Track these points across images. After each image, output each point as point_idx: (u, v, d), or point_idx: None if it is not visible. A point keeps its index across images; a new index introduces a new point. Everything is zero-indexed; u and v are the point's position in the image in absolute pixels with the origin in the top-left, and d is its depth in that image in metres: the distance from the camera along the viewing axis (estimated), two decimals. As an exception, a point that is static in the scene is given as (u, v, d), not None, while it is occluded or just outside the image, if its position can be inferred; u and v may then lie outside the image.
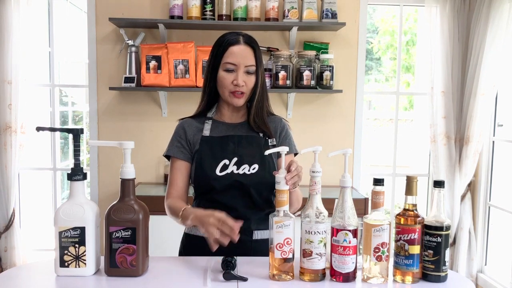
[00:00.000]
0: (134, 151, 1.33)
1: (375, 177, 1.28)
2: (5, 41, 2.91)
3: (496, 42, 2.92)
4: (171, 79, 3.00)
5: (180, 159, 1.63)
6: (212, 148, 1.60)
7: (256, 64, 1.58)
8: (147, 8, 3.15)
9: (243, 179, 1.56)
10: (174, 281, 1.28)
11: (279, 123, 1.69)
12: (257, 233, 1.59)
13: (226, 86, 1.57)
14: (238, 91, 1.57)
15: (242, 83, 1.56)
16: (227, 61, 1.56)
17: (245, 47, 1.58)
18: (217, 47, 1.60)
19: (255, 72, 1.59)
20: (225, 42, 1.58)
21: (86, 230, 1.26)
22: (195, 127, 1.65)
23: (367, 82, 6.04)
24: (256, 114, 1.63)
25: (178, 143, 1.64)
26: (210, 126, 1.65)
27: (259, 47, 1.62)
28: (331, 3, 3.03)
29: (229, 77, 1.57)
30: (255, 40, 1.62)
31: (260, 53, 1.61)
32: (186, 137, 1.64)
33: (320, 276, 1.27)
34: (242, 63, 1.56)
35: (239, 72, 1.56)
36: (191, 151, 1.63)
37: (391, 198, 3.45)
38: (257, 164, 1.57)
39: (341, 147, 1.38)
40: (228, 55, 1.56)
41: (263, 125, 1.62)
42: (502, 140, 3.19)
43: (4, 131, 2.96)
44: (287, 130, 1.69)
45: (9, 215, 3.00)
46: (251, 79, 1.58)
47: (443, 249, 1.27)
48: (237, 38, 1.58)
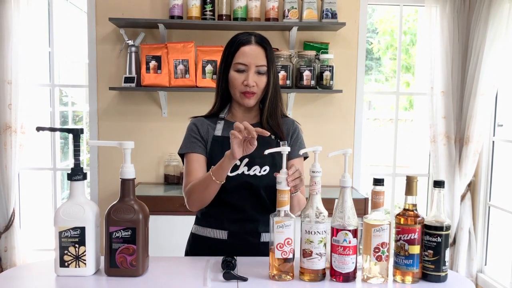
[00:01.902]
0: (134, 151, 1.33)
1: (375, 177, 1.28)
2: (5, 41, 2.91)
3: (496, 42, 2.92)
4: (171, 79, 3.00)
5: (197, 153, 1.60)
6: (223, 148, 1.57)
7: (267, 64, 1.57)
8: (147, 8, 3.15)
9: (253, 180, 1.54)
10: (174, 281, 1.28)
11: (291, 126, 1.67)
12: (265, 236, 1.59)
13: (237, 87, 1.56)
14: (249, 92, 1.55)
15: (253, 83, 1.54)
16: (238, 61, 1.55)
17: (256, 47, 1.56)
18: (229, 47, 1.59)
19: (266, 72, 1.57)
20: (237, 42, 1.57)
21: (86, 230, 1.26)
22: (207, 126, 1.64)
23: (367, 82, 6.03)
24: (269, 115, 1.60)
25: (193, 139, 1.62)
26: (222, 126, 1.63)
27: (271, 47, 1.60)
28: (331, 3, 3.03)
29: (240, 77, 1.55)
30: (267, 40, 1.61)
31: (272, 54, 1.59)
32: (200, 133, 1.62)
33: (320, 276, 1.27)
34: (253, 63, 1.54)
35: (250, 73, 1.54)
36: (206, 146, 1.62)
37: (391, 198, 3.45)
38: (268, 166, 1.56)
39: (341, 147, 1.38)
40: (239, 55, 1.55)
41: (276, 127, 1.60)
42: (502, 140, 3.19)
43: (4, 131, 2.96)
44: (298, 133, 1.67)
45: (9, 215, 3.00)
46: (262, 79, 1.57)
47: (443, 249, 1.27)
48: (249, 38, 1.57)
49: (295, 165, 1.36)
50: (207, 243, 1.59)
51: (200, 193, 1.51)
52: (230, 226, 1.57)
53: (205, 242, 1.60)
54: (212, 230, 1.60)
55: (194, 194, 1.52)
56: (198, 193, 1.51)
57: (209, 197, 1.51)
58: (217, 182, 1.45)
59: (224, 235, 1.58)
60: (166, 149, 3.23)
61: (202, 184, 1.49)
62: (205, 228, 1.62)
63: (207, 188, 1.48)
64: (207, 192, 1.49)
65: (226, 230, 1.58)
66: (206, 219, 1.63)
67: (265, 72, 1.57)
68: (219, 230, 1.59)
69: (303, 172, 1.40)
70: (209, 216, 1.62)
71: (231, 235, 1.57)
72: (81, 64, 3.92)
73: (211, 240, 1.59)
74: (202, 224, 1.64)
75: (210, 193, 1.49)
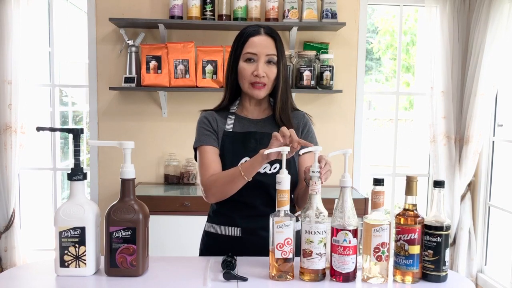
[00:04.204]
0: (134, 151, 1.33)
1: (375, 177, 1.28)
2: (5, 41, 2.91)
3: (496, 42, 2.92)
4: (171, 79, 3.00)
5: (212, 146, 1.58)
6: (233, 144, 1.57)
7: (277, 54, 1.55)
8: (147, 8, 3.15)
9: (263, 178, 1.53)
10: (174, 281, 1.28)
11: (302, 119, 1.65)
12: None
13: (246, 77, 1.54)
14: (259, 83, 1.53)
15: (263, 73, 1.52)
16: (247, 51, 1.53)
17: (266, 37, 1.55)
18: (238, 39, 1.57)
19: (276, 63, 1.55)
20: (246, 34, 1.55)
21: (86, 230, 1.26)
22: (218, 119, 1.62)
23: (367, 82, 6.04)
24: (281, 108, 1.58)
25: (206, 131, 1.60)
26: (233, 121, 1.61)
27: (280, 39, 1.59)
28: (331, 3, 3.03)
29: (249, 67, 1.53)
30: (276, 32, 1.59)
31: (281, 45, 1.58)
32: (211, 126, 1.61)
33: (320, 276, 1.27)
34: (263, 52, 1.52)
35: (260, 63, 1.52)
36: (218, 139, 1.60)
37: (391, 198, 3.45)
38: (278, 164, 1.54)
39: (341, 147, 1.38)
40: (248, 46, 1.54)
41: (287, 121, 1.58)
42: (502, 140, 3.19)
43: (4, 131, 2.96)
44: (309, 126, 1.65)
45: (9, 215, 3.00)
46: (273, 69, 1.55)
47: (443, 249, 1.27)
48: (258, 29, 1.56)
49: (324, 158, 1.36)
50: (222, 240, 1.58)
51: (224, 186, 1.49)
52: (243, 222, 1.57)
53: (219, 239, 1.59)
54: (225, 228, 1.59)
55: (216, 187, 1.51)
56: (222, 186, 1.49)
57: (232, 192, 1.49)
58: (245, 178, 1.44)
59: (238, 232, 1.57)
60: (166, 149, 3.23)
61: (228, 178, 1.48)
62: (218, 226, 1.61)
63: (234, 183, 1.47)
64: (232, 187, 1.48)
65: (239, 227, 1.57)
66: (218, 217, 1.63)
67: (275, 63, 1.55)
68: (232, 227, 1.58)
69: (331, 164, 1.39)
70: (221, 214, 1.61)
71: (244, 231, 1.57)
72: (81, 64, 3.92)
73: (225, 237, 1.58)
74: (215, 221, 1.63)
75: (234, 188, 1.48)
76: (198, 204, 2.79)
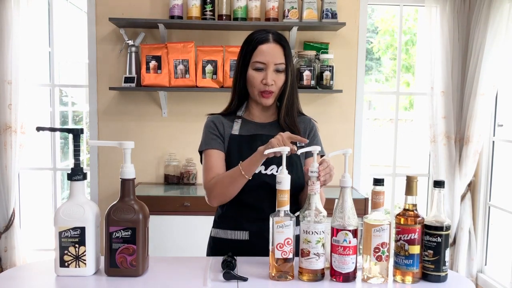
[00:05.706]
0: (134, 151, 1.33)
1: (375, 177, 1.28)
2: (5, 41, 2.91)
3: (496, 42, 2.92)
4: (171, 79, 3.00)
5: (218, 149, 1.59)
6: (240, 147, 1.57)
7: (285, 62, 1.56)
8: (147, 8, 3.15)
9: (270, 180, 1.53)
10: (174, 281, 1.28)
11: (308, 124, 1.67)
12: None
13: (256, 86, 1.56)
14: (267, 91, 1.55)
15: (272, 82, 1.54)
16: (256, 60, 1.55)
17: (275, 45, 1.56)
18: (246, 46, 1.58)
19: (284, 70, 1.57)
20: (254, 41, 1.56)
21: (86, 230, 1.26)
22: (225, 123, 1.63)
23: (367, 82, 6.03)
24: (286, 113, 1.60)
25: (212, 135, 1.61)
26: (239, 125, 1.63)
27: (289, 45, 1.60)
28: (331, 3, 3.03)
29: (258, 76, 1.55)
30: (285, 38, 1.60)
31: (290, 51, 1.59)
32: (218, 130, 1.62)
33: (319, 276, 1.27)
34: (272, 61, 1.54)
35: (269, 71, 1.54)
36: (224, 143, 1.61)
37: (391, 198, 3.45)
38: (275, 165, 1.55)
39: (341, 147, 1.38)
40: (257, 54, 1.55)
41: (293, 125, 1.60)
42: (502, 140, 3.19)
43: (4, 131, 2.96)
44: (315, 131, 1.67)
45: (9, 215, 3.00)
46: (281, 77, 1.57)
47: (443, 249, 1.27)
48: (267, 36, 1.56)
49: (326, 161, 1.37)
50: (229, 245, 1.57)
51: (225, 187, 1.50)
52: (250, 226, 1.57)
53: (227, 244, 1.59)
54: (232, 232, 1.59)
55: (218, 188, 1.51)
56: (223, 187, 1.50)
57: (233, 192, 1.50)
58: (246, 176, 1.45)
59: (246, 236, 1.57)
60: (166, 149, 3.23)
61: (229, 178, 1.49)
62: (225, 231, 1.61)
63: (234, 182, 1.48)
64: (233, 186, 1.49)
65: (247, 231, 1.57)
66: (224, 221, 1.62)
67: (283, 70, 1.57)
68: (239, 231, 1.58)
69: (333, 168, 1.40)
70: (228, 218, 1.61)
71: (252, 235, 1.57)
72: (81, 64, 3.92)
73: (233, 242, 1.58)
74: (222, 226, 1.63)
75: (235, 188, 1.49)
76: (198, 204, 2.79)
